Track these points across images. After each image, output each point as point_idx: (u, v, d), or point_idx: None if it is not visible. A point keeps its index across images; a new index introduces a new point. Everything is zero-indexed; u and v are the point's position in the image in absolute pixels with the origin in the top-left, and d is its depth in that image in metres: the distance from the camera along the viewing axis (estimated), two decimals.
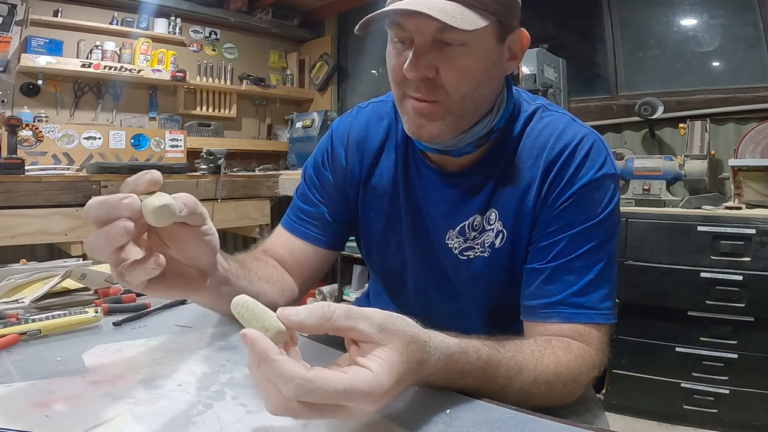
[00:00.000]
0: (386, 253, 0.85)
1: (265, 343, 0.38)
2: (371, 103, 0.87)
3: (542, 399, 0.58)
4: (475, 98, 0.67)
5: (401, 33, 0.65)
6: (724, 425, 1.81)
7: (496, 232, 0.74)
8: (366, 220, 0.85)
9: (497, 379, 0.54)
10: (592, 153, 0.70)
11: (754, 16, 2.31)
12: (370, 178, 0.83)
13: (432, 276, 0.81)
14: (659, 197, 2.15)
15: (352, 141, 0.84)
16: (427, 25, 0.62)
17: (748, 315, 1.75)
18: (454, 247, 0.77)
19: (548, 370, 0.58)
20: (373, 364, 0.40)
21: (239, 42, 3.91)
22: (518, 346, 0.59)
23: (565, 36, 2.91)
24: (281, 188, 3.02)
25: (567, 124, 0.73)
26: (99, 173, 2.43)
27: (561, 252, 0.68)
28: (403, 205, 0.80)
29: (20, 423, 0.43)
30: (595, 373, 0.64)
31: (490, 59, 0.66)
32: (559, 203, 0.69)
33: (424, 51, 0.63)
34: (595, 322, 0.66)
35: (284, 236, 0.85)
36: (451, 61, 0.64)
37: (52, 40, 3.02)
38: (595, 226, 0.68)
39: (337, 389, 0.37)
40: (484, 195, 0.75)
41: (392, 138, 0.82)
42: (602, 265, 0.67)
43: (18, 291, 0.82)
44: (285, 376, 0.36)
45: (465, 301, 0.81)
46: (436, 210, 0.78)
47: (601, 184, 0.69)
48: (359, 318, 0.41)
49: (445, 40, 0.63)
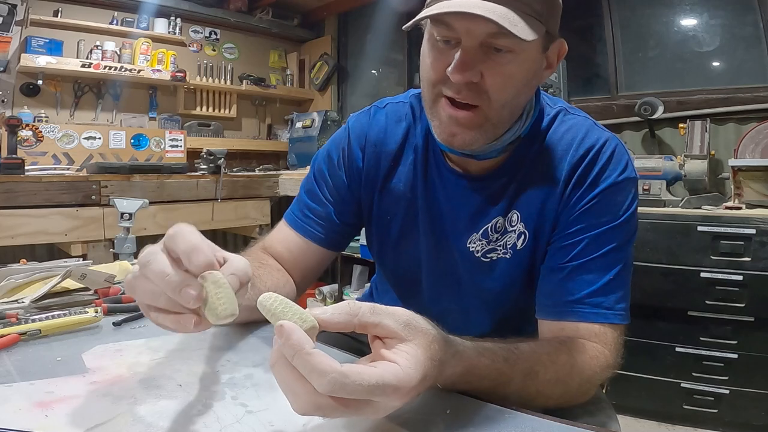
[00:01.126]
0: (401, 256, 0.84)
1: (302, 335, 0.38)
2: (389, 103, 0.85)
3: (557, 399, 0.59)
4: (512, 106, 0.67)
5: (447, 32, 0.62)
6: (724, 425, 1.81)
7: (518, 233, 0.74)
8: (381, 224, 0.83)
9: (513, 382, 0.54)
10: (615, 156, 0.70)
11: (754, 16, 2.31)
12: (388, 182, 0.81)
13: (447, 279, 0.81)
14: (659, 197, 2.15)
15: (369, 142, 0.82)
16: (479, 28, 0.59)
17: (748, 315, 1.75)
18: (476, 250, 0.77)
19: (563, 370, 0.58)
20: (401, 359, 0.41)
21: (239, 42, 3.91)
22: (533, 348, 0.59)
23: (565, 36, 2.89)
24: (281, 188, 3.02)
25: (589, 127, 0.73)
26: (99, 173, 2.43)
27: (581, 252, 0.68)
28: (422, 208, 0.79)
29: (20, 423, 0.43)
30: (608, 374, 0.64)
31: (533, 68, 0.66)
32: (581, 205, 0.69)
33: (472, 54, 0.61)
34: (611, 322, 0.66)
35: (286, 232, 0.84)
36: (498, 68, 0.62)
37: (52, 40, 3.03)
38: (616, 228, 0.68)
39: (370, 383, 0.37)
40: (507, 197, 0.74)
41: (411, 141, 0.80)
42: (620, 267, 0.68)
43: (18, 291, 0.82)
44: (320, 370, 0.36)
45: (478, 305, 0.81)
46: (459, 214, 0.77)
47: (623, 187, 0.70)
48: (385, 314, 0.42)
49: (494, 46, 0.61)
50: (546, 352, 0.59)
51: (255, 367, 0.57)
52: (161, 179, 2.55)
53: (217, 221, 2.74)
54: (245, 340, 0.65)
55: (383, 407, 0.40)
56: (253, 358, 0.59)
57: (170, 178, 2.59)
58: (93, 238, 2.30)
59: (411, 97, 0.83)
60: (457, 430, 0.44)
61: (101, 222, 2.32)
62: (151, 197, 2.25)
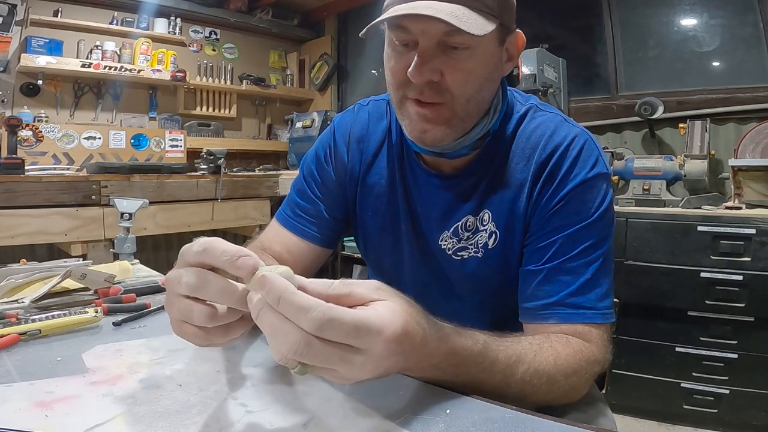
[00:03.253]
0: (384, 252, 0.85)
1: (284, 281, 0.39)
2: (372, 100, 0.87)
3: (546, 395, 0.58)
4: (477, 101, 0.68)
5: (404, 35, 0.64)
6: (724, 425, 1.81)
7: (489, 232, 0.75)
8: (364, 219, 0.85)
9: (497, 367, 0.53)
10: (584, 153, 0.70)
11: (754, 16, 2.31)
12: (368, 177, 0.83)
13: (430, 276, 0.82)
14: (659, 197, 2.15)
15: (353, 138, 0.84)
16: (433, 28, 0.61)
17: (748, 315, 1.75)
18: (447, 248, 0.78)
19: (548, 361, 0.58)
20: (378, 306, 0.42)
21: (239, 42, 3.91)
22: (516, 338, 0.59)
23: (565, 36, 2.91)
24: (281, 188, 3.02)
25: (558, 124, 0.73)
26: (99, 173, 2.43)
27: (556, 253, 0.68)
28: (402, 206, 0.81)
29: (20, 423, 0.43)
30: (597, 369, 0.64)
31: (492, 62, 0.67)
32: (552, 204, 0.69)
33: (429, 54, 0.63)
34: (593, 321, 0.66)
35: (280, 232, 0.85)
36: (456, 64, 0.64)
37: (52, 40, 3.02)
38: (589, 226, 0.68)
39: (354, 319, 0.39)
40: (478, 196, 0.75)
41: (389, 138, 0.82)
42: (598, 265, 0.68)
43: (18, 291, 0.82)
44: (305, 305, 0.38)
45: (463, 301, 0.81)
46: (432, 212, 0.78)
47: (594, 183, 0.69)
48: (356, 284, 0.43)
49: (450, 44, 0.63)
50: (529, 343, 0.60)
51: (255, 367, 0.57)
52: (161, 179, 2.55)
53: (217, 221, 2.74)
54: (245, 340, 0.65)
55: (370, 359, 0.40)
56: (253, 358, 0.59)
57: (170, 178, 2.59)
58: (93, 238, 2.30)
59: None
60: (457, 430, 0.44)
61: (101, 222, 2.32)
62: (151, 197, 2.24)
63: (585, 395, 0.66)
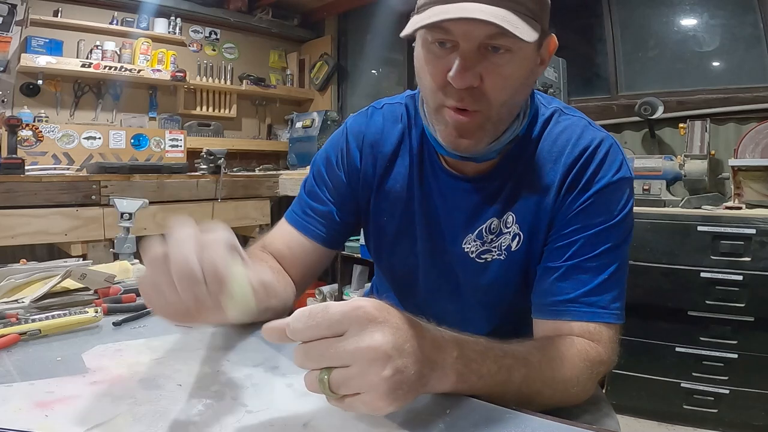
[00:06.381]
0: (398, 255, 0.84)
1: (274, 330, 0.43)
2: (386, 104, 0.85)
3: (551, 398, 0.58)
4: (510, 106, 0.67)
5: (442, 35, 0.62)
6: (724, 425, 1.81)
7: (513, 234, 0.74)
8: (378, 223, 0.84)
9: (513, 372, 0.54)
10: (609, 156, 0.71)
11: (754, 16, 2.31)
12: (384, 183, 0.82)
13: (444, 280, 0.81)
14: (659, 197, 2.15)
15: (367, 143, 0.83)
16: (477, 30, 0.59)
17: (748, 315, 1.75)
18: (471, 251, 0.77)
19: (553, 364, 0.59)
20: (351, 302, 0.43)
21: (239, 42, 3.91)
22: (521, 342, 0.60)
23: (565, 36, 2.90)
24: (281, 188, 3.02)
25: (584, 128, 0.73)
26: (99, 173, 2.43)
27: (577, 252, 0.68)
28: (418, 210, 0.79)
29: (20, 423, 0.43)
30: (602, 370, 0.65)
31: (529, 67, 0.65)
32: (576, 205, 0.69)
33: (471, 58, 0.61)
34: (605, 321, 0.66)
35: (286, 230, 0.85)
36: (496, 69, 0.62)
37: (52, 40, 3.02)
38: (611, 228, 0.68)
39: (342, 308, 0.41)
40: (503, 198, 0.75)
41: (407, 142, 0.81)
42: (615, 267, 0.68)
43: (18, 291, 0.82)
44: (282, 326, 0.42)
45: (475, 305, 0.81)
46: (455, 215, 0.77)
47: (618, 187, 0.70)
48: (332, 304, 0.44)
49: (492, 45, 0.61)
50: (533, 346, 0.60)
51: (255, 367, 0.57)
52: (161, 179, 2.55)
53: (217, 221, 2.74)
54: (245, 340, 0.65)
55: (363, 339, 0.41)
56: (253, 358, 0.59)
57: (170, 178, 2.59)
58: (93, 238, 2.30)
59: (406, 98, 0.83)
60: (457, 430, 0.44)
61: (101, 222, 2.32)
62: (151, 197, 2.24)
63: (590, 396, 0.66)
